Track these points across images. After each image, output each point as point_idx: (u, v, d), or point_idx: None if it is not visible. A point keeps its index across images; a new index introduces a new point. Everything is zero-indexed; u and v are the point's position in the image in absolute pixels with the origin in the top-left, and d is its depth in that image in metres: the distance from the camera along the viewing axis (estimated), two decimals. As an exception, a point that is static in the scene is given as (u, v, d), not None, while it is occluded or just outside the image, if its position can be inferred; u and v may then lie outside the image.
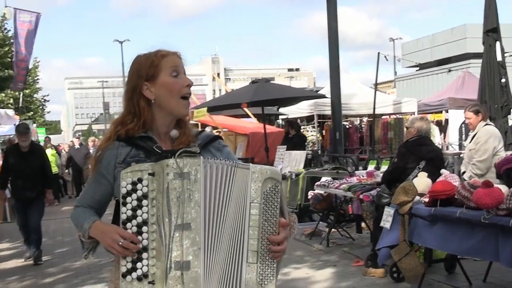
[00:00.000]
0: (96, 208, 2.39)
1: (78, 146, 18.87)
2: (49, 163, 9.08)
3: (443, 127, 19.68)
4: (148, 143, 2.28)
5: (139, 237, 2.11)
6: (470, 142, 7.52)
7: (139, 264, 2.11)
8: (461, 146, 18.04)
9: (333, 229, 9.23)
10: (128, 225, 2.13)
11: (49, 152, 16.86)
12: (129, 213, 2.12)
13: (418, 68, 37.67)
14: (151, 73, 2.29)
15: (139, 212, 2.11)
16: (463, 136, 19.02)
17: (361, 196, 7.62)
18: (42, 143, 27.44)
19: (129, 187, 2.12)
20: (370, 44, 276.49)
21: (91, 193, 2.40)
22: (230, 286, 2.13)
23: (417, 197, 5.93)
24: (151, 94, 2.30)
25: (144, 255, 2.10)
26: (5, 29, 27.74)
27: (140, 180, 2.11)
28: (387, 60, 15.16)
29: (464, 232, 5.25)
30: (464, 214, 5.14)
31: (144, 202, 2.10)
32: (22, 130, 8.62)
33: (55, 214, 13.84)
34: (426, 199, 5.79)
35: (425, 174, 6.25)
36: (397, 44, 47.50)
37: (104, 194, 2.37)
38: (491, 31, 9.96)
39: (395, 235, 6.08)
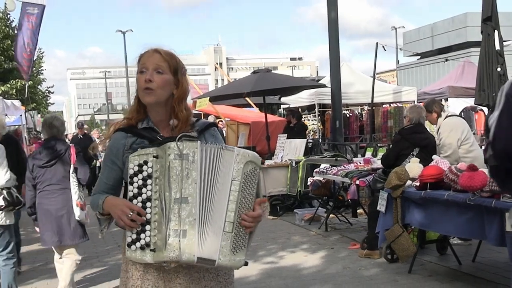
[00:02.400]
0: (111, 193, 2.66)
1: (81, 136, 17.55)
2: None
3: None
4: (152, 133, 2.60)
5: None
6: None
7: (142, 235, 2.41)
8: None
9: (331, 215, 9.56)
10: (134, 201, 2.44)
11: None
12: (135, 191, 2.45)
13: (419, 57, 37.89)
14: (136, 72, 2.65)
15: (144, 190, 2.43)
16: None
17: (357, 182, 7.94)
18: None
19: (136, 168, 2.44)
20: (372, 32, 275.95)
21: (105, 180, 2.69)
22: (212, 251, 2.39)
23: (409, 182, 6.23)
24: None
25: (147, 227, 2.40)
26: (9, 21, 27.89)
27: (145, 162, 2.43)
28: (385, 50, 15.37)
29: (453, 213, 5.55)
30: (451, 197, 5.46)
31: (149, 181, 2.42)
32: None
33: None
34: (418, 183, 6.09)
35: (417, 160, 6.54)
36: (399, 33, 47.48)
37: (116, 179, 2.66)
38: (489, 20, 10.11)
39: (389, 218, 6.39)
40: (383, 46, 15.31)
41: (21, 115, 16.45)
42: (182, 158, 2.39)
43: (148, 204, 2.42)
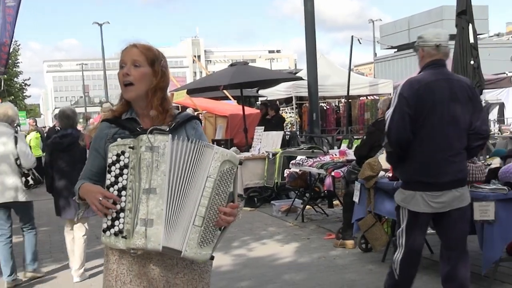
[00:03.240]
0: (95, 179, 2.74)
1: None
2: None
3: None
4: (133, 124, 2.71)
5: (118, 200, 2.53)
6: None
7: (116, 222, 2.50)
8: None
9: (308, 206, 9.68)
10: (111, 189, 2.54)
11: (33, 135, 16.90)
12: (112, 179, 2.55)
13: (396, 50, 38.20)
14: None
15: (120, 179, 2.53)
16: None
17: (332, 173, 8.06)
18: (25, 127, 27.54)
19: (114, 158, 2.55)
20: (351, 25, 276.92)
21: (89, 167, 2.80)
22: (179, 242, 2.47)
23: (382, 173, 6.36)
24: None
25: (121, 214, 2.50)
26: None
27: (123, 153, 2.53)
28: (360, 43, 15.54)
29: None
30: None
31: (125, 171, 2.52)
32: None
33: (39, 195, 14.11)
34: (390, 174, 6.22)
35: (390, 151, 6.65)
36: (377, 26, 47.78)
37: (100, 166, 2.73)
38: (463, 14, 10.24)
39: (363, 208, 6.52)
40: (359, 39, 15.49)
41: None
42: (153, 150, 2.47)
43: (123, 192, 2.52)
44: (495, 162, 5.72)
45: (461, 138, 4.30)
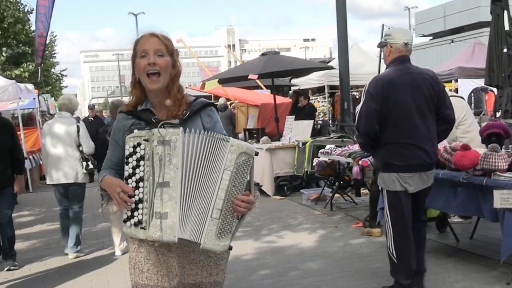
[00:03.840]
0: (116, 169, 2.79)
1: (92, 119, 16.38)
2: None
3: (452, 96, 19.88)
4: (148, 115, 2.73)
5: (137, 191, 2.56)
6: None
7: (136, 213, 2.56)
8: (470, 115, 18.32)
9: (337, 194, 9.75)
10: (129, 180, 2.60)
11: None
12: (130, 171, 2.61)
13: (431, 38, 37.73)
14: (133, 56, 2.74)
15: (137, 170, 2.58)
16: (472, 104, 19.31)
17: (360, 162, 8.11)
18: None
19: (131, 149, 2.60)
20: (386, 12, 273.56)
21: (110, 157, 2.86)
22: (197, 234, 2.52)
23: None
24: (136, 74, 2.76)
25: (140, 205, 2.55)
26: (21, 4, 28.12)
27: (139, 144, 2.58)
28: (391, 32, 15.34)
29: (450, 191, 5.72)
30: (446, 175, 5.63)
31: (141, 162, 2.57)
32: None
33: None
34: (416, 163, 6.25)
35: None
36: (413, 13, 47.24)
37: (119, 157, 2.75)
38: (497, 0, 10.07)
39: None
40: (389, 28, 15.30)
41: (34, 99, 16.70)
42: (164, 144, 2.52)
43: (141, 184, 2.56)
44: (520, 150, 5.70)
45: (428, 125, 4.82)
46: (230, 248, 2.62)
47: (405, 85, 4.80)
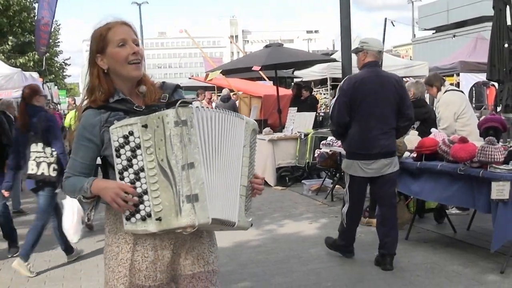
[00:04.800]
0: (87, 174, 2.59)
1: None
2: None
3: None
4: (127, 104, 2.57)
5: (138, 183, 2.39)
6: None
7: (141, 206, 2.38)
8: (471, 109, 18.46)
9: (337, 185, 9.91)
10: (125, 173, 2.41)
11: (73, 113, 17.31)
12: (124, 163, 2.40)
13: (434, 31, 37.78)
14: (100, 46, 2.57)
15: (134, 161, 2.39)
16: (473, 99, 19.43)
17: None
18: (64, 105, 28.19)
19: (121, 140, 2.40)
20: (391, 5, 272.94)
21: (80, 160, 2.59)
22: (230, 213, 2.48)
23: (407, 153, 6.55)
24: (103, 64, 2.58)
25: (145, 197, 2.37)
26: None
27: (131, 133, 2.38)
28: (393, 25, 15.55)
29: (446, 183, 5.88)
30: (444, 167, 5.79)
31: (138, 151, 2.37)
32: None
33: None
34: (415, 155, 6.42)
35: (416, 132, 6.86)
36: (416, 6, 47.23)
37: (93, 157, 2.58)
38: None
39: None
40: (392, 22, 15.46)
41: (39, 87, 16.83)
42: (182, 124, 2.34)
43: (142, 174, 2.38)
44: (517, 144, 5.87)
45: (388, 120, 5.65)
46: (251, 224, 2.66)
47: (373, 85, 5.63)
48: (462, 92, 8.11)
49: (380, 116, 5.60)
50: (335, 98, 5.83)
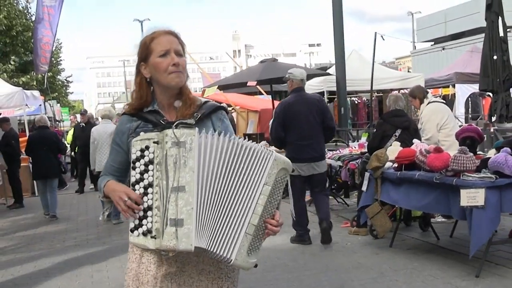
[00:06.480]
0: (118, 175, 2.64)
1: (84, 125, 15.23)
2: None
3: (449, 101, 20.23)
4: (156, 116, 2.55)
5: (145, 197, 2.36)
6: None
7: (144, 221, 2.35)
8: (467, 120, 18.66)
9: (329, 196, 10.11)
10: (137, 186, 2.39)
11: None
12: (138, 176, 2.38)
13: (432, 43, 38.09)
14: (144, 54, 2.56)
15: (145, 175, 2.36)
16: (469, 109, 19.65)
17: (348, 165, 8.52)
18: (67, 122, 28.48)
19: (138, 153, 2.38)
20: (393, 16, 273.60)
21: (111, 162, 2.68)
22: (224, 246, 2.31)
23: (389, 163, 6.79)
24: (146, 73, 2.57)
25: (149, 213, 2.34)
26: (29, 14, 28.63)
27: (147, 148, 2.36)
28: (383, 39, 15.80)
29: (424, 191, 6.12)
30: (421, 176, 6.04)
31: (150, 167, 2.35)
32: None
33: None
34: (396, 165, 6.66)
35: (398, 143, 7.10)
36: (416, 18, 47.59)
37: (122, 162, 2.63)
38: (491, 7, 10.26)
39: (370, 196, 6.98)
40: (382, 36, 15.74)
41: (40, 105, 17.16)
42: (179, 145, 2.30)
43: (150, 190, 2.36)
44: (490, 153, 6.09)
45: (315, 132, 7.27)
46: (256, 265, 2.44)
47: (300, 106, 7.24)
48: (444, 102, 8.36)
49: (307, 130, 7.19)
50: (272, 120, 7.63)
